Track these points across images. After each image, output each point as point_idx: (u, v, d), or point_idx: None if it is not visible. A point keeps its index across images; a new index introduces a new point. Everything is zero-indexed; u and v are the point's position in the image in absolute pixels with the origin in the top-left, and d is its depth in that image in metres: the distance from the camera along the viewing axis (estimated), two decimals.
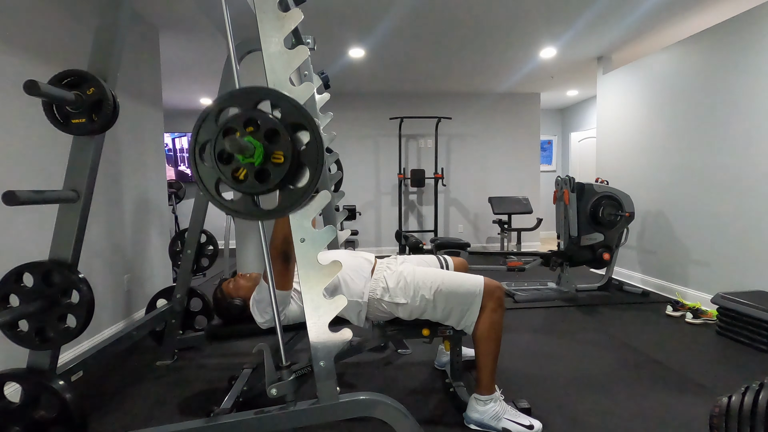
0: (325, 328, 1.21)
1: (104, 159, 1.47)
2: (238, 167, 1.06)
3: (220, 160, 1.05)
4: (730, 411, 1.24)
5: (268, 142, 1.06)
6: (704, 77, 3.20)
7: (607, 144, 4.41)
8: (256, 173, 1.06)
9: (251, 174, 1.05)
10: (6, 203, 1.15)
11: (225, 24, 1.34)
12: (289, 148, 1.05)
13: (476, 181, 6.21)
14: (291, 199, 1.10)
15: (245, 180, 1.06)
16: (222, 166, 1.05)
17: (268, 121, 1.05)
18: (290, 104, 1.08)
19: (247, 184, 1.06)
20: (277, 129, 1.05)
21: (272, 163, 1.06)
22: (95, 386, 2.07)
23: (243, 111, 1.06)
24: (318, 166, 1.07)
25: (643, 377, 2.07)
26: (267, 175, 1.07)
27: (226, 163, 1.06)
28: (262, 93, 1.08)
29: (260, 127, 1.05)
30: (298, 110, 1.07)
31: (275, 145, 1.05)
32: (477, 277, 1.64)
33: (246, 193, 1.08)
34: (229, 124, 1.05)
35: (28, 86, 1.14)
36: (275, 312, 1.32)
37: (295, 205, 1.10)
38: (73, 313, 1.32)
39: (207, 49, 3.86)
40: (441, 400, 1.87)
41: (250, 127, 1.05)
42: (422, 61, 4.51)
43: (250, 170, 1.05)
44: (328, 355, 1.22)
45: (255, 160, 1.04)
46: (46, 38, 2.18)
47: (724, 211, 3.03)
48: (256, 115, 1.05)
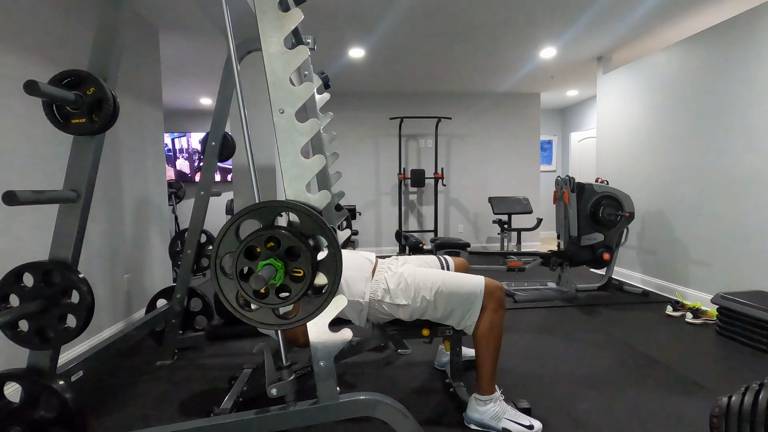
0: (325, 328, 1.21)
1: (104, 159, 1.47)
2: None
3: (242, 278, 1.07)
4: (730, 411, 1.24)
5: (288, 257, 1.07)
6: (704, 77, 3.20)
7: (607, 144, 4.41)
8: (276, 290, 1.08)
9: (272, 291, 1.07)
10: (6, 203, 1.15)
11: (225, 24, 1.34)
12: (308, 264, 1.06)
13: (476, 181, 6.21)
14: (310, 309, 1.12)
15: (266, 295, 1.08)
16: (244, 284, 1.07)
17: (289, 240, 1.06)
18: (310, 217, 1.09)
19: (268, 299, 1.08)
20: (298, 247, 1.06)
21: (292, 276, 1.08)
22: (95, 386, 2.07)
23: (264, 228, 1.08)
24: (336, 274, 1.09)
25: (643, 377, 2.07)
26: (287, 290, 1.09)
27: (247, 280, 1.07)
28: (282, 207, 1.11)
29: (281, 244, 1.07)
30: (317, 222, 1.09)
31: (295, 263, 1.07)
32: (477, 278, 1.64)
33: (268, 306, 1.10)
34: (251, 243, 1.06)
35: (28, 86, 1.14)
36: None
37: (314, 315, 1.12)
38: (73, 313, 1.32)
39: (207, 49, 3.86)
40: (441, 400, 1.87)
41: (271, 243, 1.07)
42: (422, 61, 4.51)
43: (271, 288, 1.07)
44: (328, 355, 1.22)
45: (277, 281, 1.06)
46: (46, 38, 2.18)
47: (724, 211, 3.03)
48: (276, 234, 1.07)
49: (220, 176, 6.58)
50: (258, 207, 1.09)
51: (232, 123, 3.45)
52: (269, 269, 1.03)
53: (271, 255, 1.06)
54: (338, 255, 1.10)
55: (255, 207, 1.09)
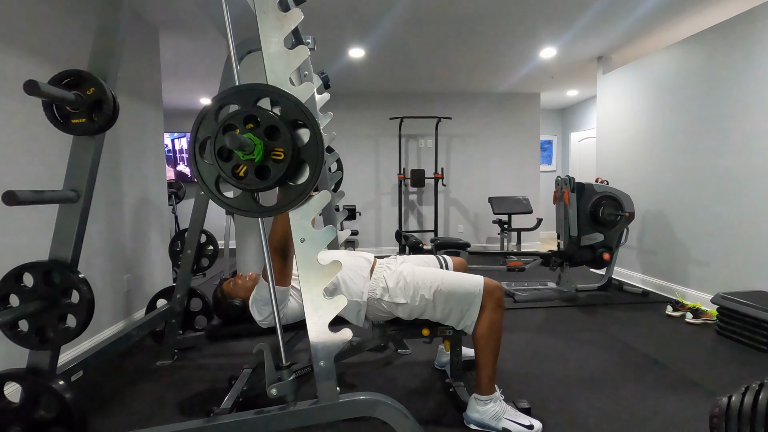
0: (325, 328, 1.21)
1: (104, 159, 1.47)
2: (238, 164, 1.06)
3: (221, 157, 1.05)
4: (730, 411, 1.24)
5: (268, 138, 1.06)
6: (704, 77, 3.20)
7: (607, 144, 4.41)
8: (256, 170, 1.06)
9: (251, 171, 1.05)
10: (6, 203, 1.15)
11: (225, 24, 1.34)
12: (289, 145, 1.05)
13: (476, 181, 6.21)
14: (291, 196, 1.10)
15: (245, 177, 1.06)
16: (222, 163, 1.05)
17: (268, 118, 1.05)
18: (290, 101, 1.08)
19: (247, 180, 1.06)
20: (277, 126, 1.05)
21: (272, 159, 1.06)
22: (95, 386, 2.07)
23: (243, 108, 1.06)
24: (318, 162, 1.08)
25: (643, 377, 2.07)
26: (267, 172, 1.07)
27: (226, 160, 1.06)
28: (261, 90, 1.08)
29: (260, 123, 1.05)
30: (298, 107, 1.08)
31: (275, 142, 1.06)
32: (477, 277, 1.64)
33: (246, 189, 1.08)
34: (229, 120, 1.05)
35: (28, 86, 1.14)
36: (275, 310, 1.32)
37: (295, 202, 1.11)
38: (73, 313, 1.32)
39: (207, 49, 3.86)
40: (441, 400, 1.87)
41: (250, 124, 1.05)
42: (422, 61, 4.51)
43: (250, 167, 1.05)
44: (328, 355, 1.22)
45: (255, 157, 1.04)
46: (46, 38, 2.18)
47: (724, 211, 3.03)
48: (256, 112, 1.05)
49: None
50: (240, 89, 1.07)
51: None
52: (248, 140, 1.01)
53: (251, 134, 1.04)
54: (319, 140, 1.07)
55: (237, 89, 1.07)
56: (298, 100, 1.08)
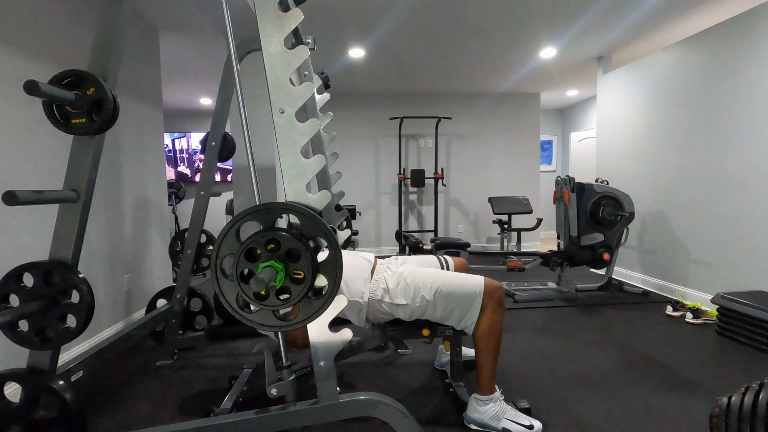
0: (325, 328, 1.21)
1: (104, 159, 1.47)
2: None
3: (242, 280, 1.07)
4: (730, 411, 1.24)
5: (288, 258, 1.07)
6: (704, 77, 3.20)
7: (607, 144, 4.41)
8: (277, 291, 1.08)
9: (273, 292, 1.07)
10: (6, 203, 1.15)
11: (225, 24, 1.34)
12: (309, 267, 1.06)
13: (476, 181, 6.21)
14: (309, 311, 1.12)
15: (267, 297, 1.08)
16: (244, 286, 1.07)
17: (289, 242, 1.06)
18: (309, 218, 1.09)
19: (269, 301, 1.08)
20: (298, 249, 1.06)
21: (292, 280, 1.08)
22: (95, 386, 2.07)
23: (264, 228, 1.08)
24: (337, 276, 1.10)
25: (643, 377, 2.07)
26: (287, 292, 1.09)
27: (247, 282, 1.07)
28: (281, 209, 1.10)
29: (281, 246, 1.06)
30: (317, 224, 1.09)
31: (296, 264, 1.07)
32: (477, 278, 1.64)
33: (268, 308, 1.10)
34: (251, 244, 1.06)
35: (28, 86, 1.13)
36: None
37: (314, 317, 1.12)
38: (73, 313, 1.32)
39: (207, 49, 3.86)
40: (441, 400, 1.87)
41: (271, 245, 1.07)
42: (422, 61, 4.51)
43: (271, 290, 1.07)
44: (328, 355, 1.22)
45: (277, 284, 1.06)
46: (46, 38, 2.18)
47: (724, 211, 3.03)
48: (277, 236, 1.07)
49: (220, 176, 6.58)
50: (258, 209, 1.09)
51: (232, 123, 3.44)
52: (270, 271, 1.03)
53: (272, 257, 1.06)
54: (338, 256, 1.09)
55: (255, 209, 1.09)
56: (319, 219, 1.09)
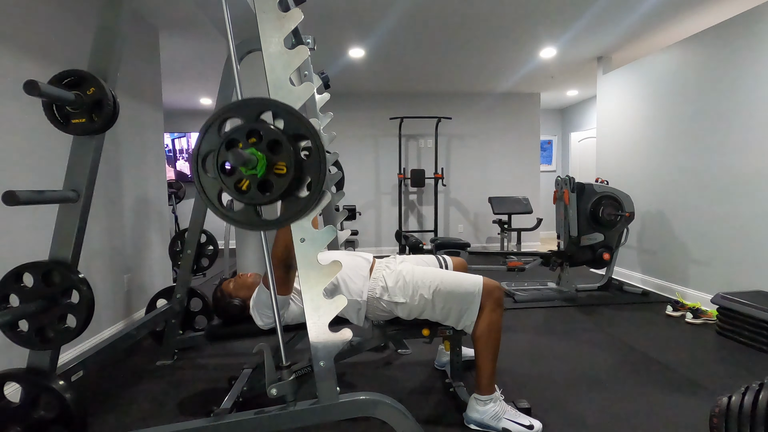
0: (325, 328, 1.21)
1: (104, 159, 1.47)
2: (241, 179, 1.07)
3: (223, 172, 1.06)
4: (730, 411, 1.24)
5: (271, 152, 1.06)
6: (704, 77, 3.20)
7: (607, 144, 4.41)
8: (258, 184, 1.07)
9: (254, 185, 1.06)
10: (6, 203, 1.15)
11: (225, 24, 1.34)
12: (291, 159, 1.05)
13: (476, 181, 6.21)
14: (293, 209, 1.10)
15: (248, 191, 1.06)
16: (225, 178, 1.06)
17: (271, 133, 1.05)
18: (293, 115, 1.08)
19: (249, 195, 1.06)
20: (280, 140, 1.05)
21: (275, 173, 1.06)
22: (95, 386, 2.07)
23: (245, 122, 1.06)
24: (320, 176, 1.08)
25: (643, 377, 2.07)
26: (270, 186, 1.07)
27: (228, 175, 1.06)
28: (264, 104, 1.08)
29: (263, 138, 1.05)
30: (300, 121, 1.08)
31: (278, 156, 1.06)
32: (476, 277, 1.64)
33: (249, 203, 1.09)
34: (232, 135, 1.05)
35: (28, 86, 1.13)
36: (276, 315, 1.32)
37: (298, 215, 1.11)
38: (73, 313, 1.32)
39: (207, 49, 3.86)
40: (441, 400, 1.87)
41: (253, 138, 1.05)
42: (422, 61, 4.51)
43: (252, 181, 1.05)
44: (328, 355, 1.22)
45: (258, 172, 1.04)
46: (46, 38, 2.18)
47: (724, 211, 3.03)
48: (258, 127, 1.05)
49: None
50: (240, 104, 1.08)
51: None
52: (251, 156, 1.02)
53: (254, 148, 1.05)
54: (322, 154, 1.07)
55: (237, 104, 1.08)
56: (300, 114, 1.08)
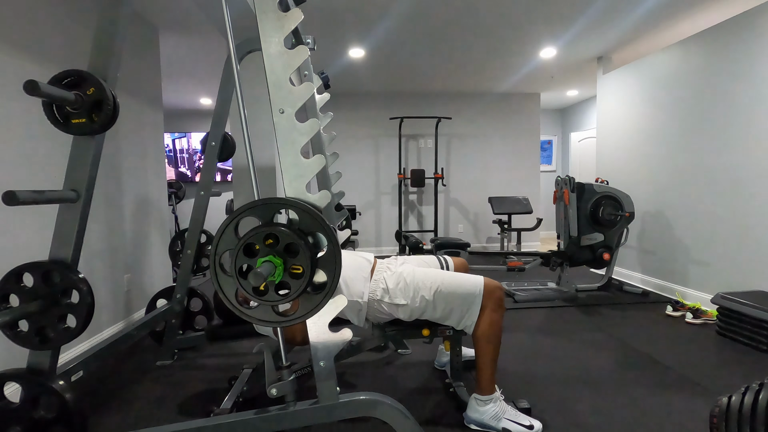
0: (325, 328, 1.21)
1: (104, 159, 1.47)
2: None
3: (241, 275, 1.07)
4: (730, 411, 1.24)
5: (287, 254, 1.07)
6: (704, 77, 3.20)
7: (607, 144, 4.41)
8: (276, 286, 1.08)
9: (271, 287, 1.07)
10: (6, 203, 1.15)
11: (225, 24, 1.34)
12: (308, 262, 1.06)
13: (476, 181, 6.21)
14: (309, 306, 1.12)
15: (266, 292, 1.07)
16: (243, 281, 1.07)
17: (288, 237, 1.06)
18: (309, 215, 1.09)
19: (268, 297, 1.08)
20: (297, 244, 1.06)
21: (291, 275, 1.07)
22: (95, 386, 2.07)
23: (262, 224, 1.08)
24: (336, 271, 1.10)
25: (643, 377, 2.07)
26: (287, 287, 1.09)
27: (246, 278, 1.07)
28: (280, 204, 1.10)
29: (280, 241, 1.06)
30: (316, 220, 1.09)
31: (294, 259, 1.07)
32: (477, 278, 1.64)
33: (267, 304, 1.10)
34: (250, 240, 1.06)
35: (28, 86, 1.13)
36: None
37: (313, 312, 1.12)
38: (73, 313, 1.32)
39: (207, 49, 3.86)
40: (441, 400, 1.87)
41: (270, 240, 1.07)
42: (422, 61, 4.51)
43: (270, 285, 1.07)
44: (328, 355, 1.22)
45: (276, 278, 1.06)
46: (46, 38, 2.18)
47: (724, 211, 3.03)
48: (276, 232, 1.06)
49: (219, 176, 6.58)
50: (257, 204, 1.09)
51: (232, 123, 3.45)
52: (268, 266, 1.03)
53: (270, 252, 1.06)
54: (337, 252, 1.09)
55: (254, 204, 1.09)
56: (315, 212, 1.09)
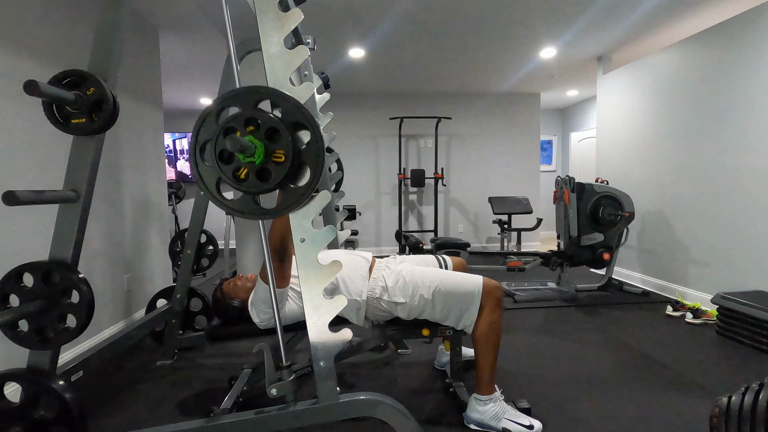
0: (325, 328, 1.21)
1: (104, 159, 1.47)
2: (239, 167, 1.07)
3: (221, 160, 1.06)
4: (730, 411, 1.24)
5: (269, 141, 1.06)
6: (704, 77, 3.20)
7: (607, 144, 4.41)
8: (257, 172, 1.07)
9: (252, 173, 1.06)
10: (6, 203, 1.15)
11: (225, 24, 1.34)
12: (289, 147, 1.05)
13: (476, 181, 6.21)
14: (291, 198, 1.10)
15: (246, 179, 1.06)
16: (223, 166, 1.06)
17: (269, 121, 1.05)
18: (290, 104, 1.08)
19: (248, 183, 1.06)
20: (278, 128, 1.05)
21: (273, 162, 1.06)
22: (95, 386, 2.07)
23: (243, 110, 1.06)
24: (318, 164, 1.08)
25: (643, 377, 2.07)
26: (268, 174, 1.07)
27: (226, 163, 1.06)
28: (262, 92, 1.08)
29: (261, 126, 1.05)
30: (299, 109, 1.08)
31: (276, 144, 1.06)
32: (476, 277, 1.64)
33: (247, 192, 1.09)
34: (230, 123, 1.05)
35: (28, 86, 1.13)
36: (275, 310, 1.32)
37: (296, 204, 1.11)
38: (73, 313, 1.32)
39: (207, 49, 3.86)
40: (441, 400, 1.87)
41: (251, 126, 1.05)
42: (422, 61, 4.51)
43: (251, 169, 1.05)
44: (328, 355, 1.22)
45: (256, 159, 1.04)
46: (46, 38, 2.18)
47: (724, 211, 3.03)
48: (256, 115, 1.05)
49: None
50: (239, 92, 1.08)
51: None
52: (247, 141, 1.02)
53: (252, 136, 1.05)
54: (320, 142, 1.08)
55: (236, 92, 1.08)
56: (298, 102, 1.08)
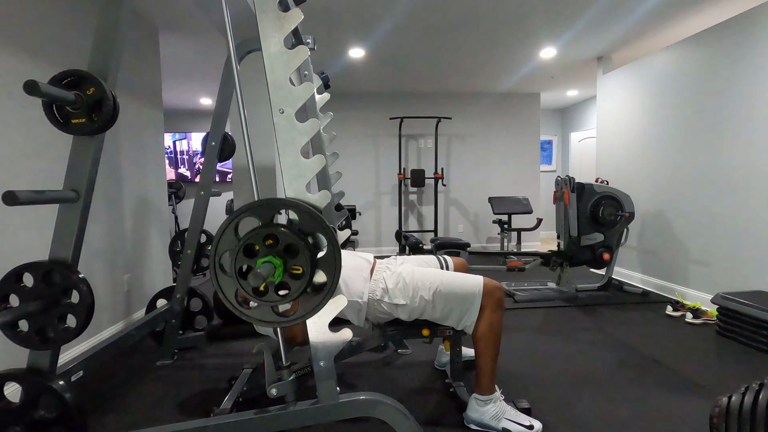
0: (325, 328, 1.21)
1: (104, 159, 1.47)
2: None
3: (241, 275, 1.07)
4: (730, 411, 1.24)
5: (287, 255, 1.07)
6: (704, 77, 3.20)
7: (607, 144, 4.41)
8: (276, 286, 1.08)
9: (271, 288, 1.07)
10: (6, 203, 1.15)
11: (225, 24, 1.34)
12: (307, 262, 1.06)
13: (476, 181, 6.21)
14: (308, 306, 1.12)
15: (266, 293, 1.08)
16: (243, 282, 1.07)
17: (287, 237, 1.06)
18: (308, 214, 1.09)
19: (268, 297, 1.08)
20: (296, 244, 1.06)
21: (290, 275, 1.08)
22: (95, 386, 2.07)
23: (262, 224, 1.08)
24: (336, 272, 1.10)
25: (643, 377, 2.07)
26: (287, 288, 1.09)
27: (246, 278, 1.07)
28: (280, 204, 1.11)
29: (279, 242, 1.06)
30: (316, 220, 1.09)
31: (294, 260, 1.07)
32: (476, 278, 1.64)
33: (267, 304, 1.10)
34: (250, 240, 1.06)
35: (28, 86, 1.13)
36: None
37: (313, 312, 1.12)
38: (73, 313, 1.32)
39: (207, 49, 3.86)
40: (441, 400, 1.87)
41: (269, 240, 1.07)
42: (422, 61, 4.51)
43: (270, 285, 1.07)
44: (328, 355, 1.22)
45: (276, 279, 1.06)
46: (46, 38, 2.18)
47: (724, 211, 3.03)
48: (275, 232, 1.07)
49: (219, 176, 6.57)
50: (257, 204, 1.09)
51: (232, 123, 3.45)
52: (268, 266, 1.03)
53: (270, 252, 1.06)
54: (337, 253, 1.09)
55: (254, 204, 1.09)
56: (317, 213, 1.09)
